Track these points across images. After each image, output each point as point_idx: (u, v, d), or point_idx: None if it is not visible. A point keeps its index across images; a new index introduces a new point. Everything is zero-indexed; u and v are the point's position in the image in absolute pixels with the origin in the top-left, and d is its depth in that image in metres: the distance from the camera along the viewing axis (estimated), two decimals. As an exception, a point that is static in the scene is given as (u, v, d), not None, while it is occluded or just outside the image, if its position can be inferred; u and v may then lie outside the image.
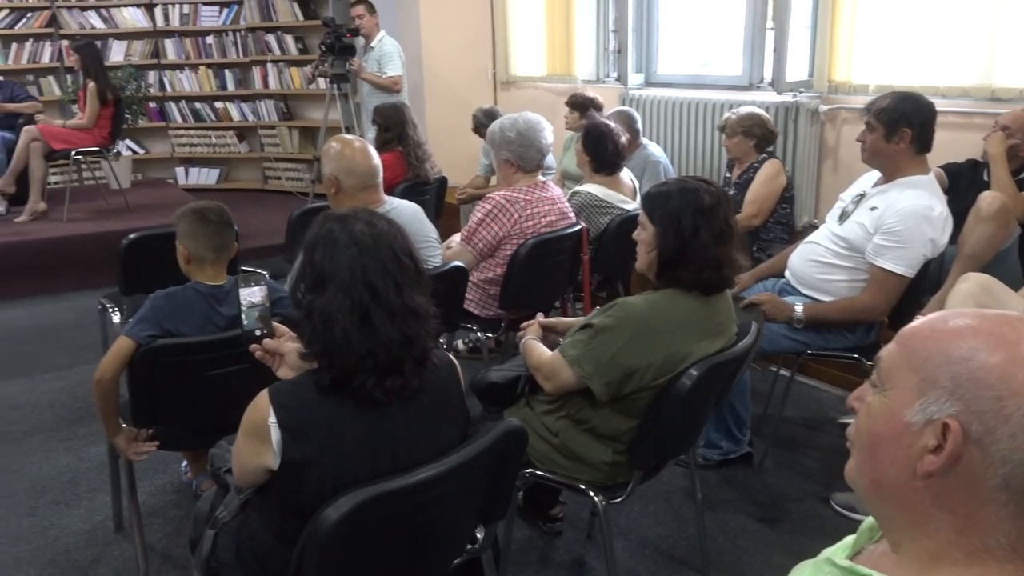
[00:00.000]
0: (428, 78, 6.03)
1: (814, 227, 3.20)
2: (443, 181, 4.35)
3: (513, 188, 3.01)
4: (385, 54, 5.45)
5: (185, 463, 2.78)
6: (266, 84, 7.35)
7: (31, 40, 7.19)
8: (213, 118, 7.54)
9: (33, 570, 2.41)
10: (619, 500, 1.99)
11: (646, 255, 1.95)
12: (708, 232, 1.86)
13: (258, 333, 1.67)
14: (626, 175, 3.47)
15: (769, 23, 4.18)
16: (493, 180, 4.94)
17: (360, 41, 5.65)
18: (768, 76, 4.23)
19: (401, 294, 1.42)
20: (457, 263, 2.76)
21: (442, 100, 6.04)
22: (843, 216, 2.67)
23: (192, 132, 7.57)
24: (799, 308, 2.61)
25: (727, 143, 3.60)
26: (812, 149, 3.94)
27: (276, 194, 7.28)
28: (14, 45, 7.15)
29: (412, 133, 4.13)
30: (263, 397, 1.44)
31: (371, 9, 5.50)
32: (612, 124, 3.34)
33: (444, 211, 4.54)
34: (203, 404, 2.22)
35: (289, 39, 7.18)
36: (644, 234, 1.95)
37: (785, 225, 3.60)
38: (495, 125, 3.09)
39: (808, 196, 3.97)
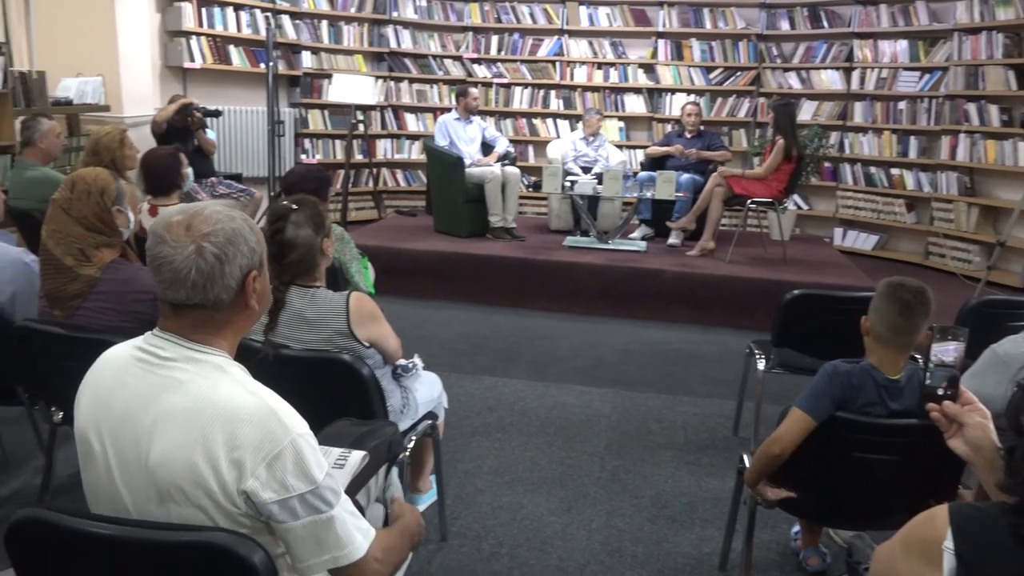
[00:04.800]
0: None
1: None
2: None
3: None
4: None
5: (797, 530, 2.72)
6: (953, 155, 6.85)
7: (734, 96, 7.99)
8: (885, 184, 7.35)
9: (645, 572, 2.63)
10: None
11: None
12: None
13: (940, 392, 1.51)
14: None
15: None
16: None
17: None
18: None
19: None
20: None
21: None
22: None
23: (860, 195, 7.50)
24: None
25: None
26: None
27: (935, 272, 6.75)
28: (719, 99, 8.04)
29: None
30: (941, 514, 1.26)
31: None
32: None
33: None
34: (840, 482, 2.12)
35: (993, 109, 6.56)
36: None
37: None
38: None
39: None
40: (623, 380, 4.35)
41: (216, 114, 6.17)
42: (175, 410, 1.31)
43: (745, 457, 2.39)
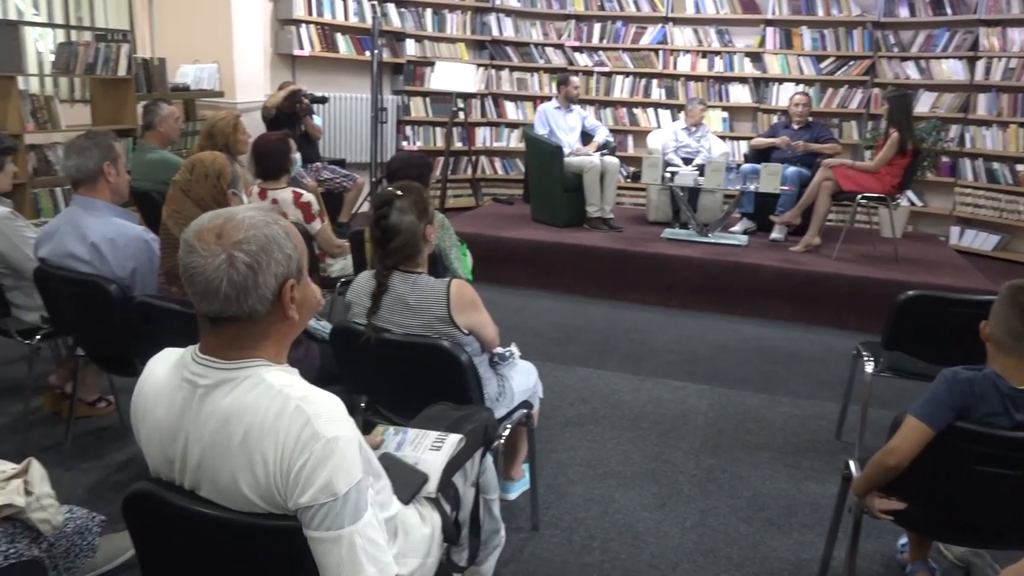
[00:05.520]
0: None
1: None
2: None
3: None
4: None
5: (905, 542, 2.59)
6: (1088, 151, 6.40)
7: (845, 86, 7.67)
8: (1010, 180, 6.93)
9: (740, 574, 2.57)
10: None
11: None
12: None
13: None
14: None
15: None
16: None
17: None
18: None
19: None
20: None
21: None
22: None
23: (980, 192, 7.09)
24: None
25: None
26: None
27: (1062, 276, 6.32)
28: (830, 90, 7.73)
29: None
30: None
31: None
32: None
33: None
34: (956, 497, 2.01)
35: None
36: None
37: None
38: None
39: None
40: (720, 377, 4.25)
41: (323, 100, 6.33)
42: (223, 441, 1.29)
43: (852, 464, 2.30)
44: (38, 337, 3.15)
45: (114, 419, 3.40)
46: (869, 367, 3.24)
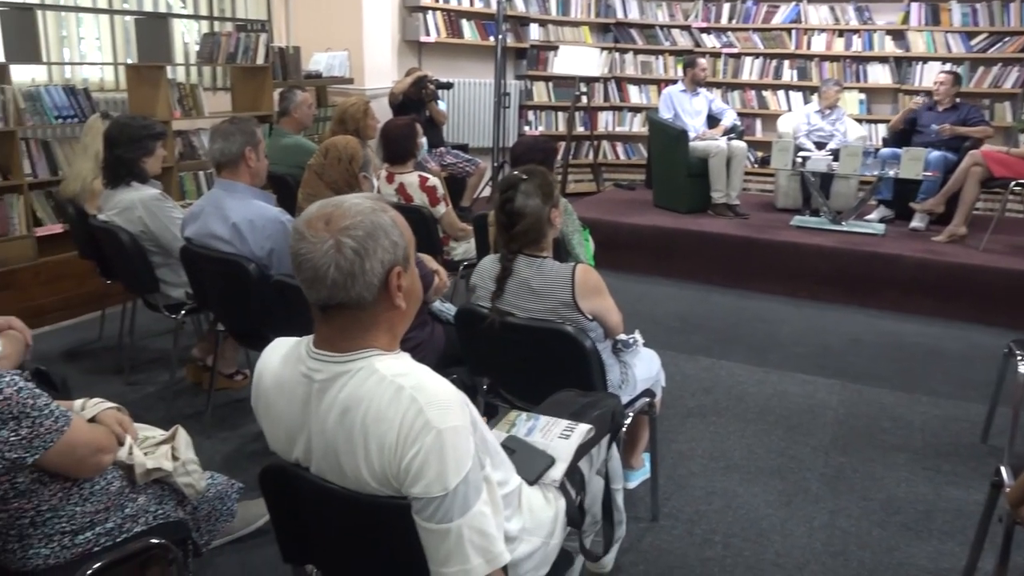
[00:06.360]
0: None
1: None
2: None
3: None
4: None
5: (1060, 557, 2.41)
6: None
7: (999, 65, 7.13)
8: None
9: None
10: None
11: None
12: None
13: None
14: None
15: None
16: None
17: None
18: None
19: None
20: None
21: None
22: None
23: None
24: None
25: None
26: None
27: None
28: (981, 69, 7.21)
29: None
30: None
31: None
32: None
33: None
34: None
35: None
36: None
37: None
38: None
39: None
40: (852, 371, 4.05)
41: (448, 86, 6.41)
42: (344, 433, 1.32)
43: (1003, 470, 2.14)
44: (183, 312, 3.34)
45: (250, 391, 3.57)
46: (1022, 367, 3.00)
